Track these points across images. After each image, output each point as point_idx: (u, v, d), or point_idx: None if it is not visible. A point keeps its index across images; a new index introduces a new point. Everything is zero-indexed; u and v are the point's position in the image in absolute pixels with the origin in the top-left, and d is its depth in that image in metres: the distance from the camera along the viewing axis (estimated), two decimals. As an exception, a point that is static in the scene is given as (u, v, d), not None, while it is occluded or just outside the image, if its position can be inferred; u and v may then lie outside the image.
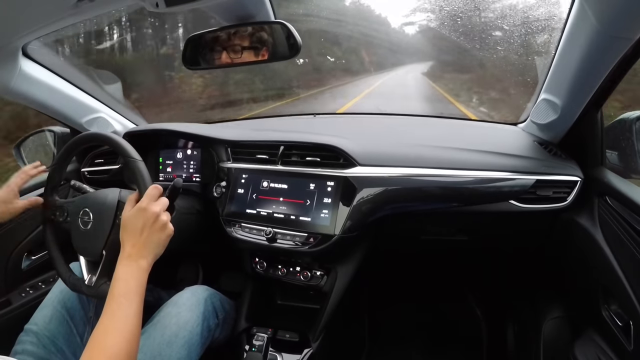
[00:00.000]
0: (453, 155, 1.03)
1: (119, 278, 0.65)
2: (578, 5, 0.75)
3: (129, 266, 0.66)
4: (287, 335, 1.05)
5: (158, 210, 0.72)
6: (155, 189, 0.74)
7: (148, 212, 0.70)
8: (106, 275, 0.84)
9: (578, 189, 0.96)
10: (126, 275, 0.66)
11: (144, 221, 0.70)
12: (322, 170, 1.04)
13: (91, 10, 0.80)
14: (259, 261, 1.12)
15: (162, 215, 0.72)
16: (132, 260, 0.67)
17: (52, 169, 0.96)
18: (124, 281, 0.65)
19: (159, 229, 0.71)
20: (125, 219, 0.72)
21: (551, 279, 1.19)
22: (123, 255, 0.68)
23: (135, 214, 0.71)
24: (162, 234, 0.71)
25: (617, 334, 0.82)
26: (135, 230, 0.69)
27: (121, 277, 0.65)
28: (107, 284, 0.83)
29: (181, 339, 0.85)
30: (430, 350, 1.43)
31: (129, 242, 0.69)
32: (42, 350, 0.84)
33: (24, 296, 1.20)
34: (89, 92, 1.28)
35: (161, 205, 0.73)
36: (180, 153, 1.28)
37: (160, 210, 0.72)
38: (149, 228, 0.70)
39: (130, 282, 0.65)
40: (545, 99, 0.97)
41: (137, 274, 0.66)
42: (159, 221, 0.71)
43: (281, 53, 0.89)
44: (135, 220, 0.70)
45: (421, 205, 1.02)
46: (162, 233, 0.71)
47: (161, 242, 0.71)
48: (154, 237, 0.70)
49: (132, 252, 0.68)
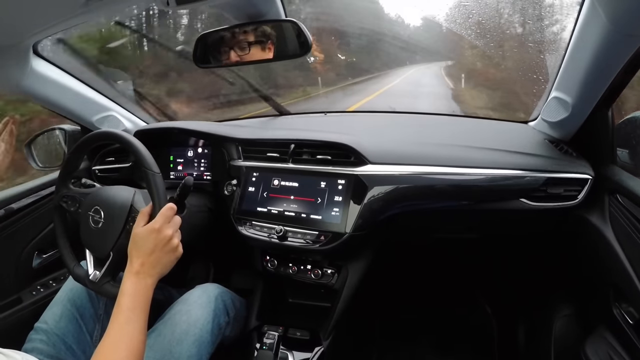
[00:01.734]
0: (464, 153, 1.03)
1: (126, 293, 0.67)
2: (589, 4, 0.75)
3: (138, 283, 0.68)
4: (298, 334, 1.05)
5: (171, 233, 0.73)
6: (170, 210, 0.75)
7: (161, 234, 0.72)
8: (110, 275, 0.85)
9: (589, 187, 0.96)
10: (134, 291, 0.68)
11: (155, 243, 0.71)
12: (332, 169, 1.04)
13: (101, 9, 0.81)
14: (269, 259, 1.12)
15: (174, 238, 0.74)
16: (140, 278, 0.69)
17: (68, 156, 0.97)
18: (132, 297, 0.67)
19: (168, 251, 0.73)
20: (136, 236, 0.73)
21: (562, 277, 1.19)
22: (131, 271, 0.70)
23: (148, 234, 0.72)
24: (172, 255, 0.74)
25: (628, 332, 0.82)
26: (146, 249, 0.71)
27: (129, 292, 0.67)
28: (110, 283, 0.85)
29: (191, 336, 0.85)
30: (441, 348, 1.44)
31: (139, 259, 0.70)
32: (52, 348, 0.85)
33: (35, 294, 1.20)
34: (99, 90, 1.28)
35: (174, 227, 0.75)
36: (191, 151, 1.29)
37: (173, 232, 0.74)
38: (160, 250, 0.71)
39: (137, 298, 0.67)
40: (556, 97, 0.98)
41: (145, 291, 0.69)
42: (171, 244, 0.73)
43: (292, 51, 0.90)
44: (147, 240, 0.71)
45: (432, 204, 1.02)
46: (172, 255, 0.74)
47: (169, 263, 0.74)
48: (163, 259, 0.72)
49: (140, 270, 0.70)
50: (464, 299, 1.58)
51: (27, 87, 1.08)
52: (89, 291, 0.92)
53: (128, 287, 0.68)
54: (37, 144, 1.29)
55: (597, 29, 0.74)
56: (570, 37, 0.85)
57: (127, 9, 1.30)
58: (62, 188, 0.95)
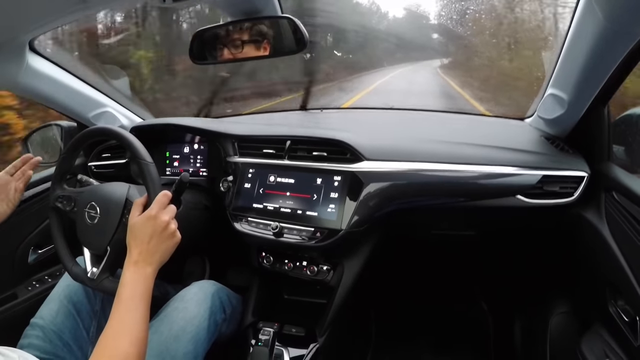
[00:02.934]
0: (460, 150, 1.03)
1: (126, 283, 0.67)
2: (585, 1, 0.75)
3: (137, 272, 0.68)
4: (293, 330, 1.05)
5: (167, 219, 0.73)
6: (165, 196, 0.75)
7: (157, 220, 0.72)
8: (108, 271, 0.85)
9: (585, 184, 0.96)
10: (133, 281, 0.67)
11: (152, 230, 0.71)
12: (328, 165, 1.04)
13: (98, 5, 0.80)
14: (265, 256, 1.12)
15: (171, 224, 0.74)
16: (139, 267, 0.69)
17: (62, 156, 0.97)
18: (131, 286, 0.67)
19: (167, 237, 0.72)
20: (133, 225, 0.73)
21: (558, 274, 1.19)
22: (130, 261, 0.70)
23: (145, 222, 0.72)
24: (170, 242, 0.73)
25: (624, 330, 0.82)
26: (143, 237, 0.71)
27: (128, 282, 0.67)
28: (109, 279, 0.84)
29: (188, 333, 0.85)
30: (437, 346, 1.44)
31: (137, 248, 0.70)
32: (48, 344, 0.84)
33: (30, 290, 1.20)
34: (95, 87, 1.28)
35: (170, 213, 0.75)
36: (187, 147, 1.29)
37: (170, 218, 0.74)
38: (158, 236, 0.71)
39: (137, 287, 0.67)
40: (552, 94, 0.98)
41: (144, 280, 0.68)
42: (168, 230, 0.73)
43: (288, 47, 0.90)
44: (144, 228, 0.71)
45: (428, 200, 1.02)
46: (170, 241, 0.73)
47: (168, 249, 0.73)
48: (161, 246, 0.72)
49: (139, 259, 0.69)
50: (461, 296, 1.58)
51: (23, 84, 1.07)
52: (85, 287, 0.92)
53: (127, 277, 0.68)
54: (34, 140, 1.29)
55: (593, 26, 0.74)
56: (566, 33, 0.85)
57: (124, 4, 1.29)
58: (57, 189, 0.95)
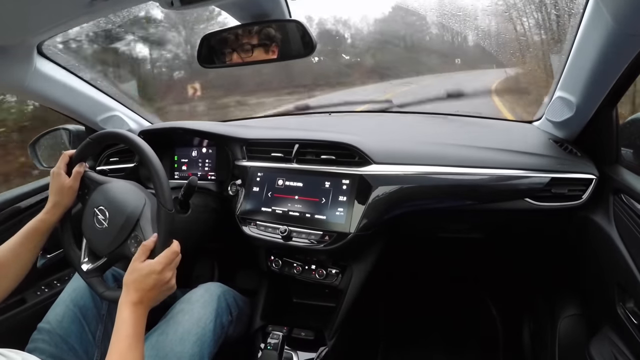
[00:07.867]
0: (468, 153, 1.03)
1: (126, 320, 0.70)
2: (593, 3, 0.75)
3: (135, 312, 0.72)
4: (302, 334, 1.05)
5: (170, 275, 0.77)
6: (174, 254, 0.78)
7: (161, 276, 0.75)
8: (100, 271, 0.87)
9: (593, 187, 0.95)
10: (133, 320, 0.71)
11: (154, 283, 0.74)
12: (337, 169, 1.05)
13: (106, 9, 0.80)
14: (274, 259, 1.12)
15: (173, 279, 0.78)
16: (138, 308, 0.72)
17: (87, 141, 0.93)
18: (132, 325, 0.70)
19: (166, 289, 0.77)
20: (136, 271, 0.75)
21: (567, 277, 1.19)
22: (128, 300, 0.72)
23: (149, 275, 0.75)
24: (168, 292, 0.78)
25: (633, 332, 0.82)
26: (145, 286, 0.74)
27: (128, 321, 0.70)
28: (98, 278, 0.87)
29: (194, 335, 0.86)
30: (446, 349, 1.43)
31: (137, 293, 0.73)
32: (55, 348, 0.85)
33: (39, 294, 1.20)
34: (103, 90, 1.28)
35: (174, 270, 0.79)
36: (195, 151, 1.29)
37: (173, 275, 0.78)
38: (158, 289, 0.75)
39: (137, 327, 0.70)
40: (561, 97, 0.98)
41: (141, 320, 0.72)
42: (169, 285, 0.77)
43: (296, 51, 0.90)
44: (147, 278, 0.74)
45: (436, 204, 1.02)
46: (168, 292, 0.78)
47: (163, 297, 0.78)
48: (159, 296, 0.76)
49: (137, 302, 0.72)
50: (469, 298, 1.58)
51: (31, 88, 1.07)
52: (92, 292, 0.92)
53: (126, 315, 0.70)
54: (42, 144, 1.30)
55: (601, 29, 0.74)
56: (575, 36, 0.85)
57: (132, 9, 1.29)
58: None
